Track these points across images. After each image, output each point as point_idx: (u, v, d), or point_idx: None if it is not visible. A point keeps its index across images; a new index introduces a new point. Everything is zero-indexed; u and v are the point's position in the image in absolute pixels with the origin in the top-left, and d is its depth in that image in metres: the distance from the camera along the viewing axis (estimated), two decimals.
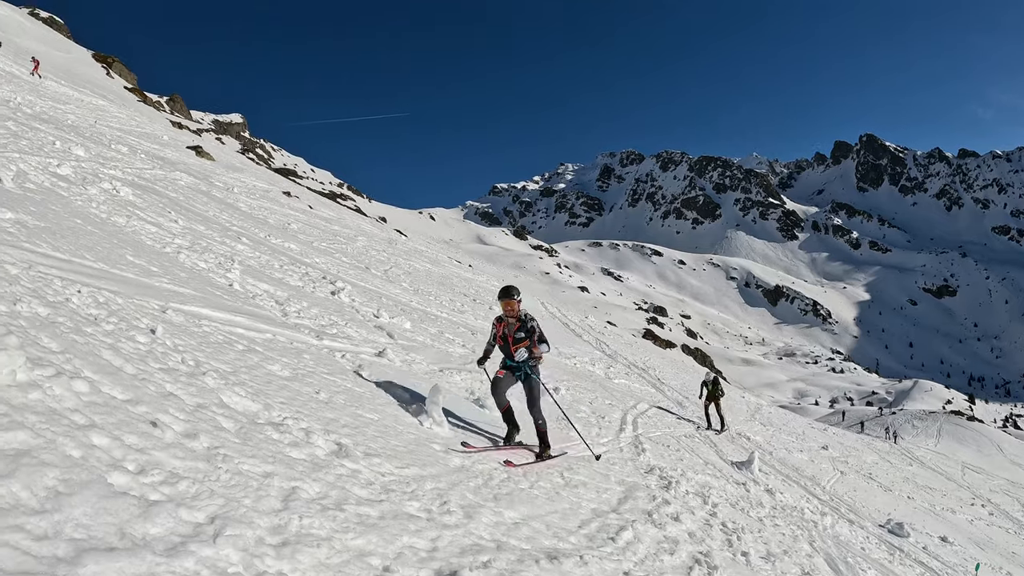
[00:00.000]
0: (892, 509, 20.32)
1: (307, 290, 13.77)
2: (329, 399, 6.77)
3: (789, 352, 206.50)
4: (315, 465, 4.85)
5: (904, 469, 35.86)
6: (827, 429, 46.48)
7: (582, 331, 41.12)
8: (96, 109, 31.30)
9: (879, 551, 13.30)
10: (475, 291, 33.99)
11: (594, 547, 5.92)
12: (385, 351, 10.82)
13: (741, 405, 36.08)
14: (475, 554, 4.53)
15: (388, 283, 21.43)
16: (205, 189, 22.64)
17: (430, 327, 16.45)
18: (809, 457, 24.47)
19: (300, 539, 3.63)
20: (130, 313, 6.33)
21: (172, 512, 3.26)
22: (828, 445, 31.55)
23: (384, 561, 3.86)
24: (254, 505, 3.75)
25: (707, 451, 16.35)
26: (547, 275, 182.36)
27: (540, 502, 6.63)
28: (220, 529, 3.33)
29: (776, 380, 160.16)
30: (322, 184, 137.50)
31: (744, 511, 10.91)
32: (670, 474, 10.91)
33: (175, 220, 14.19)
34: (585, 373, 22.31)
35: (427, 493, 5.37)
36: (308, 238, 23.35)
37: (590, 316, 67.08)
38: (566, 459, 9.11)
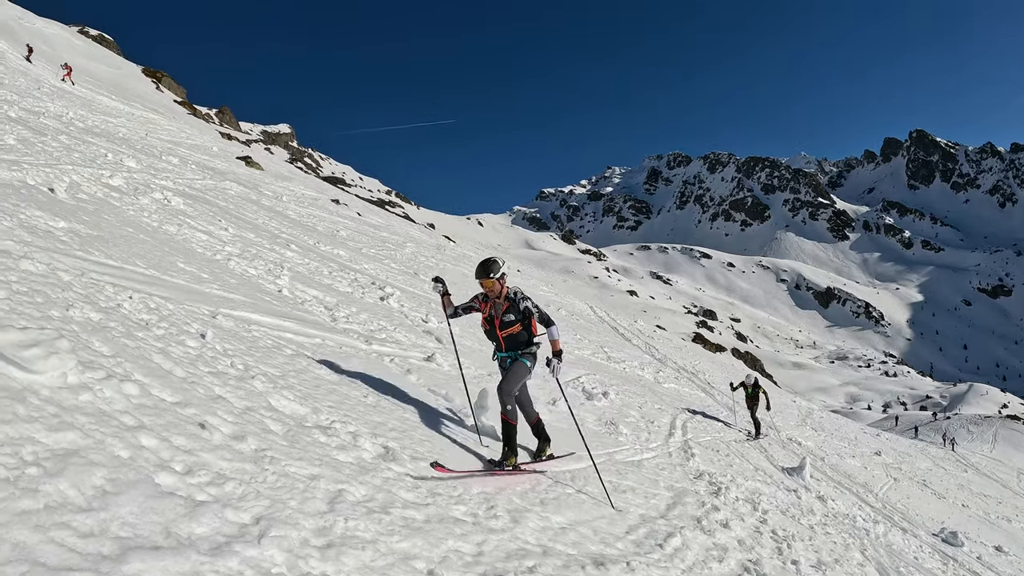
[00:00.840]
0: (946, 517, 19.85)
1: (356, 296, 13.90)
2: (377, 403, 6.82)
3: (841, 355, 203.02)
4: (362, 468, 4.89)
5: (959, 476, 35.06)
6: (880, 434, 45.62)
7: (631, 335, 40.87)
8: (147, 122, 31.93)
9: (932, 561, 12.97)
10: None
11: (641, 553, 5.85)
12: (434, 356, 10.87)
13: (792, 410, 35.62)
14: (521, 559, 4.52)
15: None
16: (255, 198, 22.97)
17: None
18: (862, 463, 23.97)
19: (345, 541, 3.65)
20: (180, 318, 6.45)
21: (218, 512, 3.31)
22: (881, 451, 30.94)
23: (429, 565, 3.86)
24: (300, 507, 3.78)
25: (757, 457, 16.10)
26: (596, 279, 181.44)
27: (587, 507, 6.58)
28: (265, 530, 3.36)
29: (828, 384, 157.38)
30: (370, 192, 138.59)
31: (795, 518, 10.70)
32: (720, 480, 10.76)
33: (225, 228, 14.42)
34: (634, 377, 22.16)
35: (473, 497, 5.37)
36: (357, 244, 23.55)
37: (639, 320, 66.61)
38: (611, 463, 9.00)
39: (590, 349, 23.61)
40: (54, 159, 12.74)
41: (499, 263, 7.07)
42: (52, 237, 7.16)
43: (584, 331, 29.71)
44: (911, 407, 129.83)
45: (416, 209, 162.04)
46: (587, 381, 15.86)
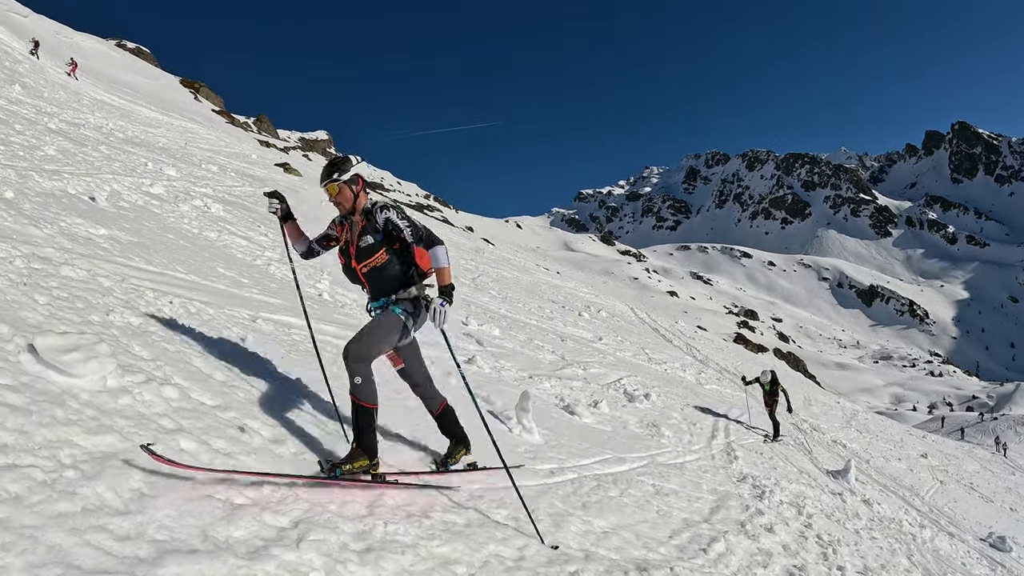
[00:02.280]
0: (994, 522, 19.57)
1: None
2: (417, 406, 6.77)
3: (885, 355, 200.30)
4: (402, 472, 4.88)
5: (1007, 479, 34.47)
6: (926, 436, 44.95)
7: (672, 336, 40.65)
8: (186, 132, 32.35)
9: (980, 567, 12.81)
10: (564, 298, 34.00)
11: (685, 558, 5.77)
12: (474, 358, 10.92)
13: (836, 411, 35.26)
14: (563, 564, 4.46)
15: (476, 291, 21.58)
16: (294, 204, 22.96)
17: (519, 334, 16.49)
18: (907, 466, 23.76)
19: (384, 545, 3.63)
20: (221, 322, 6.51)
21: (256, 516, 3.31)
22: (927, 453, 30.58)
23: (470, 570, 3.83)
24: (339, 510, 3.77)
25: (802, 459, 15.95)
26: (636, 280, 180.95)
27: (629, 511, 6.52)
28: (304, 534, 3.35)
29: (872, 385, 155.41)
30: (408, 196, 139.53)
31: (840, 523, 10.58)
32: (763, 483, 10.63)
33: (265, 234, 14.56)
34: (676, 379, 22.01)
35: (515, 500, 5.28)
36: None
37: (680, 321, 66.27)
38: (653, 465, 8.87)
39: (631, 351, 23.49)
40: (95, 168, 12.93)
41: (352, 161, 5.05)
42: (93, 244, 7.24)
43: (625, 332, 29.59)
44: (957, 408, 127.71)
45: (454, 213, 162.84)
46: (628, 383, 15.78)
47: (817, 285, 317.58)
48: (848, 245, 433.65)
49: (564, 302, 31.49)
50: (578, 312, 28.69)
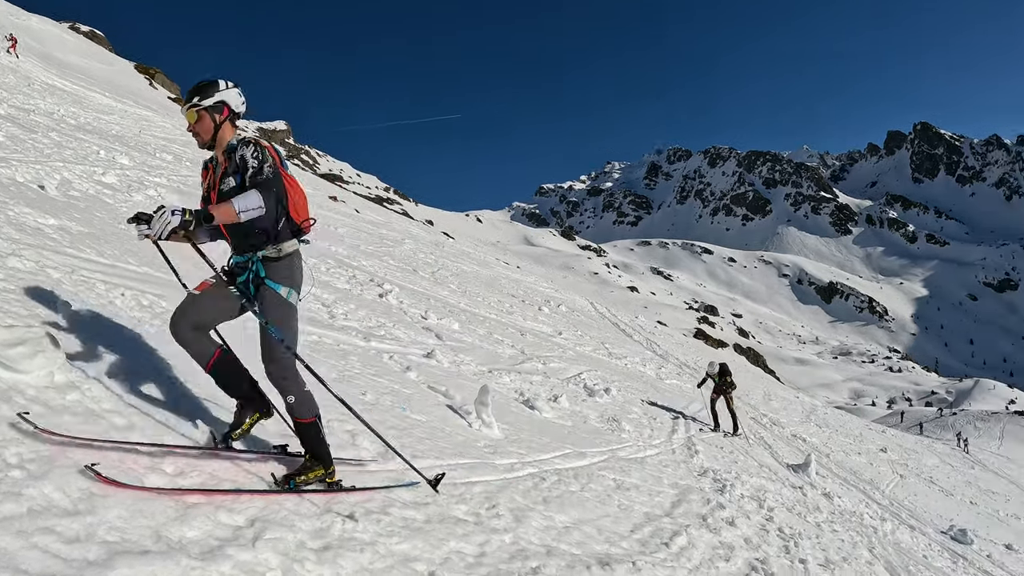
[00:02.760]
0: (954, 515, 19.87)
1: (354, 292, 13.83)
2: (376, 400, 6.77)
3: (844, 351, 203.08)
4: (360, 468, 4.83)
5: (966, 472, 35.06)
6: (885, 431, 45.59)
7: (632, 331, 40.80)
8: (140, 120, 31.70)
9: (941, 559, 12.94)
10: (523, 292, 33.95)
11: (647, 552, 5.79)
12: (433, 352, 10.81)
13: (796, 406, 35.61)
14: (524, 560, 4.44)
15: (436, 285, 21.44)
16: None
17: (478, 328, 16.42)
18: (867, 460, 24.03)
19: (343, 543, 3.57)
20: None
21: (211, 515, 3.22)
22: (887, 447, 30.98)
23: (430, 567, 3.79)
24: (296, 508, 3.70)
25: (762, 453, 16.08)
26: (596, 275, 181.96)
27: (591, 505, 6.52)
28: (260, 532, 3.27)
29: (831, 380, 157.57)
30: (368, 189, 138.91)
31: (801, 516, 10.67)
32: (724, 477, 10.73)
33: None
34: (636, 374, 22.09)
35: (475, 496, 5.29)
36: (355, 241, 23.48)
37: (640, 316, 66.59)
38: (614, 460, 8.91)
39: (591, 345, 23.53)
40: (44, 156, 12.58)
41: (221, 85, 4.09)
42: (41, 234, 7.05)
43: (585, 327, 29.63)
44: (916, 403, 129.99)
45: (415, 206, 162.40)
46: (588, 377, 15.78)
47: (777, 281, 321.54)
48: (808, 242, 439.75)
49: (524, 296, 31.45)
50: (538, 307, 28.68)
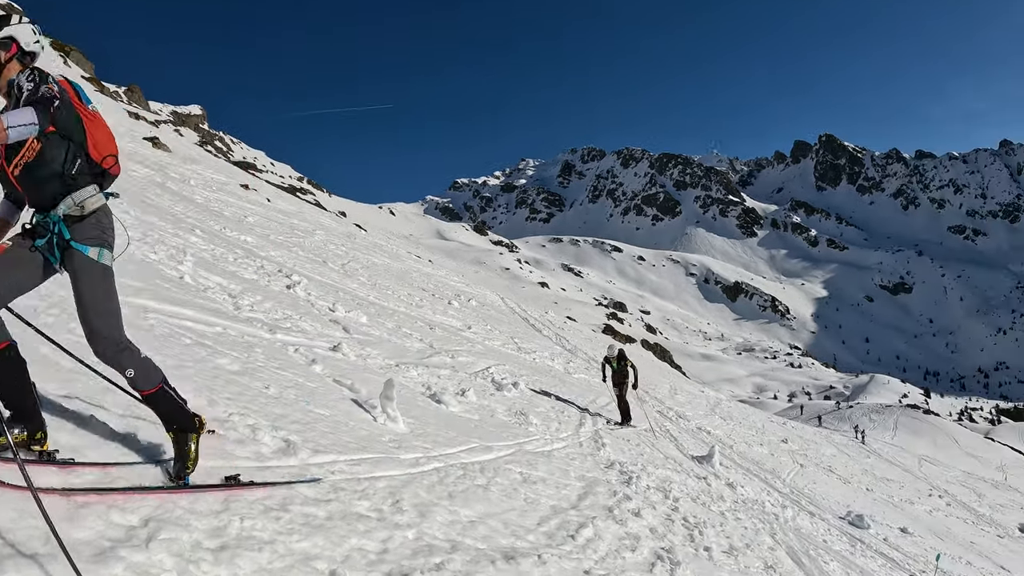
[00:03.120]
0: (852, 501, 20.49)
1: (262, 284, 13.49)
2: (279, 394, 6.58)
3: (748, 347, 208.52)
4: (260, 463, 4.69)
5: (862, 461, 36.36)
6: (786, 423, 46.99)
7: (542, 326, 40.95)
8: None
9: (840, 543, 13.31)
10: (434, 286, 33.74)
11: (553, 545, 5.79)
12: (340, 345, 10.61)
13: (701, 400, 36.34)
14: (428, 555, 4.38)
15: (346, 277, 21.13)
16: (160, 180, 22.16)
17: (387, 321, 16.23)
18: (769, 451, 24.63)
19: (241, 543, 3.47)
20: (69, 305, 6.05)
21: (103, 514, 3.11)
22: (787, 439, 31.90)
23: (331, 565, 3.70)
24: (191, 506, 3.58)
25: (667, 445, 16.30)
26: (507, 271, 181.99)
27: (497, 499, 6.49)
28: (154, 532, 3.16)
29: (735, 375, 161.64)
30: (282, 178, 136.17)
31: (706, 505, 10.85)
32: (631, 469, 10.81)
33: (127, 211, 13.77)
34: (544, 368, 22.18)
35: (379, 492, 5.20)
36: (265, 231, 22.95)
37: (550, 312, 66.95)
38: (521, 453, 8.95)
39: (500, 340, 23.54)
40: None
41: (11, 19, 3.55)
42: None
43: (495, 322, 29.61)
44: (815, 397, 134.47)
45: (328, 197, 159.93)
46: (497, 371, 15.75)
47: (685, 280, 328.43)
48: (716, 243, 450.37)
49: (434, 290, 31.25)
50: (448, 301, 28.53)
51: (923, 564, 15.07)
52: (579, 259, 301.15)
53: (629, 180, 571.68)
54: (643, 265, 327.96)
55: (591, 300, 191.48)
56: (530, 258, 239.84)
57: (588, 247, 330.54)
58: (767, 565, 8.79)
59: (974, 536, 23.60)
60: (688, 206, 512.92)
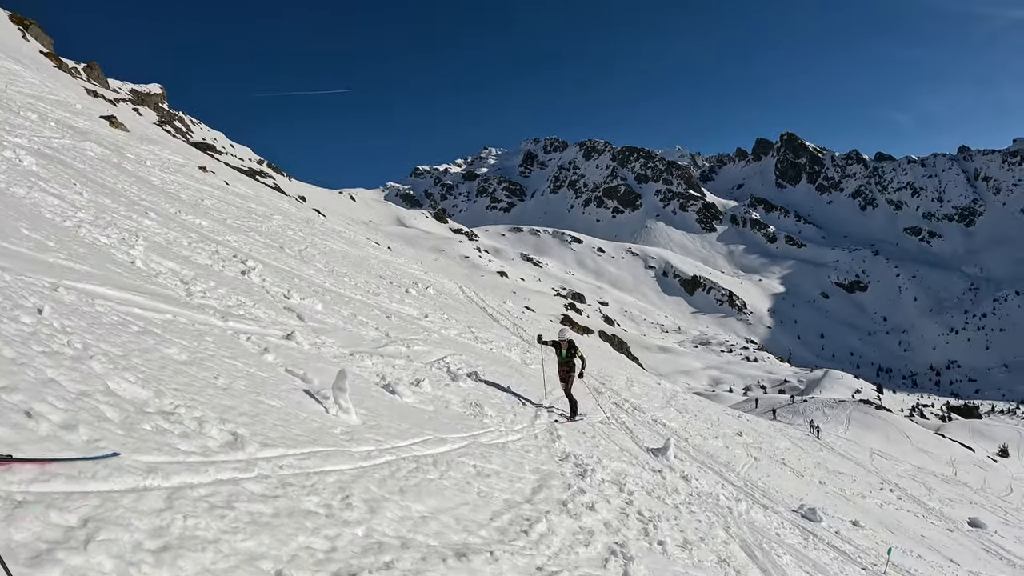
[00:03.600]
0: (804, 494, 20.71)
1: (216, 269, 13.23)
2: (228, 385, 6.44)
3: (704, 340, 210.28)
4: (206, 458, 4.57)
5: (816, 455, 36.79)
6: (741, 416, 47.36)
7: (499, 316, 40.76)
8: (8, 73, 29.73)
9: (793, 536, 13.46)
10: (392, 273, 33.46)
11: (506, 541, 5.80)
12: (294, 334, 10.44)
13: (657, 392, 36.31)
14: (377, 553, 4.35)
15: (302, 263, 20.88)
16: (116, 161, 21.68)
17: (343, 309, 16.04)
18: (724, 443, 24.77)
19: (183, 543, 3.39)
20: (17, 291, 5.88)
21: (40, 515, 3.02)
22: (742, 431, 32.07)
23: (277, 565, 3.65)
24: (133, 505, 3.49)
25: (623, 438, 16.27)
26: (466, 259, 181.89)
27: (450, 493, 6.47)
28: (93, 533, 3.07)
29: (691, 367, 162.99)
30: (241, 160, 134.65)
31: (660, 499, 10.92)
32: (586, 461, 10.84)
33: (80, 192, 13.44)
34: (501, 358, 22.05)
35: (328, 487, 5.14)
36: (221, 215, 22.55)
37: (508, 301, 66.93)
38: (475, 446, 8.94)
39: (457, 329, 23.41)
40: None
41: None
42: None
43: (452, 310, 29.43)
44: (770, 390, 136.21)
45: (288, 181, 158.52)
46: (452, 361, 15.61)
47: (643, 272, 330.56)
48: (675, 237, 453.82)
49: (392, 278, 30.94)
50: (405, 288, 28.29)
51: (874, 557, 15.27)
52: (539, 249, 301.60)
53: (591, 172, 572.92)
54: (602, 257, 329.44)
55: (550, 290, 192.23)
56: (490, 247, 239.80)
57: (548, 237, 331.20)
58: (720, 559, 8.90)
59: (924, 529, 23.98)
60: (649, 199, 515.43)
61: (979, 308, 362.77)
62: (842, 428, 61.41)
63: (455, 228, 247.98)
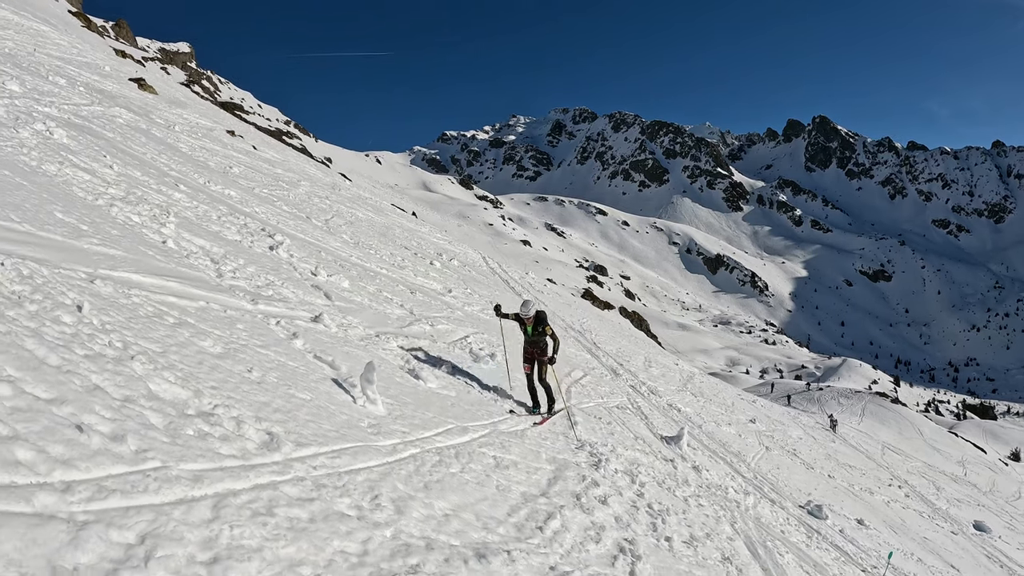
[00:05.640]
0: (813, 488, 20.73)
1: (244, 245, 13.38)
2: (262, 378, 6.63)
3: (724, 320, 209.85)
4: (245, 462, 4.77)
5: (827, 445, 36.77)
6: (755, 401, 47.32)
7: (522, 289, 40.71)
8: (37, 35, 29.82)
9: (798, 534, 13.51)
10: (416, 244, 33.42)
11: (522, 539, 5.97)
12: (321, 316, 10.62)
13: (675, 373, 36.15)
14: (405, 556, 4.55)
15: (328, 235, 20.96)
16: (145, 127, 21.76)
17: (368, 285, 16.12)
18: (737, 431, 24.77)
19: (231, 553, 3.58)
20: (55, 287, 6.02)
21: (102, 534, 3.18)
22: (756, 418, 32.05)
23: (315, 570, 3.85)
24: (184, 517, 3.68)
25: (638, 424, 16.36)
26: (490, 226, 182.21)
27: (470, 488, 6.65)
28: (151, 550, 3.25)
29: (710, 347, 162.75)
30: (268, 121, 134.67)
31: (670, 490, 11.04)
32: (600, 451, 10.97)
33: (110, 166, 13.50)
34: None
35: (358, 486, 5.33)
36: (249, 184, 22.64)
37: (530, 272, 66.85)
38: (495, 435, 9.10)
39: (479, 304, 23.41)
40: None
41: None
42: None
43: (475, 283, 29.36)
44: (787, 375, 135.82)
45: (314, 142, 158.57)
46: (475, 341, 15.66)
47: (667, 248, 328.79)
48: (700, 214, 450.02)
49: (417, 248, 30.85)
50: (430, 261, 28.20)
51: (876, 559, 15.32)
52: (563, 219, 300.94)
53: (619, 144, 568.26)
54: (627, 230, 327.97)
55: (572, 261, 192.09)
56: (514, 215, 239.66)
57: (573, 208, 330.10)
58: (724, 556, 8.99)
59: (928, 531, 23.96)
60: (676, 175, 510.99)
61: (1003, 307, 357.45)
62: (856, 419, 61.22)
63: (480, 195, 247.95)
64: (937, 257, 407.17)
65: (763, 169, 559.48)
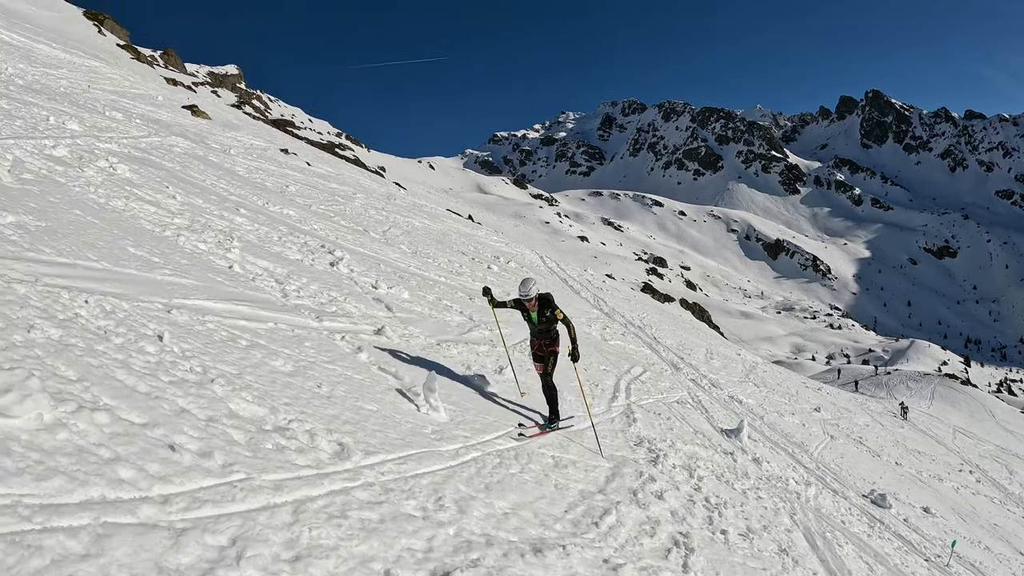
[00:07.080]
0: (878, 476, 20.46)
1: (306, 263, 13.79)
2: (331, 392, 7.01)
3: (788, 306, 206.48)
4: (319, 471, 5.17)
5: (895, 432, 36.11)
6: (821, 388, 46.64)
7: (580, 287, 40.67)
8: (89, 71, 30.74)
9: (860, 524, 13.42)
10: (474, 248, 33.69)
11: (578, 534, 6.24)
12: (384, 328, 10.96)
13: (736, 364, 35.88)
14: (466, 552, 4.92)
15: (386, 246, 21.32)
16: (202, 154, 22.34)
17: (428, 294, 16.40)
18: (800, 420, 24.50)
19: (311, 552, 4.00)
20: (136, 319, 6.43)
21: (198, 539, 3.61)
22: (821, 407, 31.61)
23: (385, 565, 4.24)
24: (268, 522, 4.10)
25: (698, 418, 16.38)
26: (547, 224, 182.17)
27: (529, 488, 6.94)
28: (241, 551, 3.68)
29: (774, 334, 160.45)
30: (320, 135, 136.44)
31: (729, 483, 11.11)
32: (659, 446, 11.12)
33: (173, 196, 13.98)
34: (582, 336, 22.15)
35: (423, 489, 5.71)
36: (306, 201, 23.15)
37: (589, 268, 66.62)
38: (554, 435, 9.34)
39: None
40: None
41: None
42: (1, 237, 6.89)
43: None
44: (854, 360, 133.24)
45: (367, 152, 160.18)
46: None
47: (725, 236, 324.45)
48: (757, 199, 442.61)
49: (474, 253, 31.13)
50: (487, 265, 28.39)
51: (940, 548, 15.15)
52: (619, 213, 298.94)
53: (670, 134, 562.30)
54: (684, 220, 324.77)
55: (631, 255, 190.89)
56: (570, 212, 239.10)
57: (628, 201, 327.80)
58: (781, 548, 9.09)
59: (999, 518, 23.52)
60: (730, 161, 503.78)
61: None
62: (926, 403, 59.91)
63: (535, 194, 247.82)
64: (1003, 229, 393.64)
65: (818, 149, 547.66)
